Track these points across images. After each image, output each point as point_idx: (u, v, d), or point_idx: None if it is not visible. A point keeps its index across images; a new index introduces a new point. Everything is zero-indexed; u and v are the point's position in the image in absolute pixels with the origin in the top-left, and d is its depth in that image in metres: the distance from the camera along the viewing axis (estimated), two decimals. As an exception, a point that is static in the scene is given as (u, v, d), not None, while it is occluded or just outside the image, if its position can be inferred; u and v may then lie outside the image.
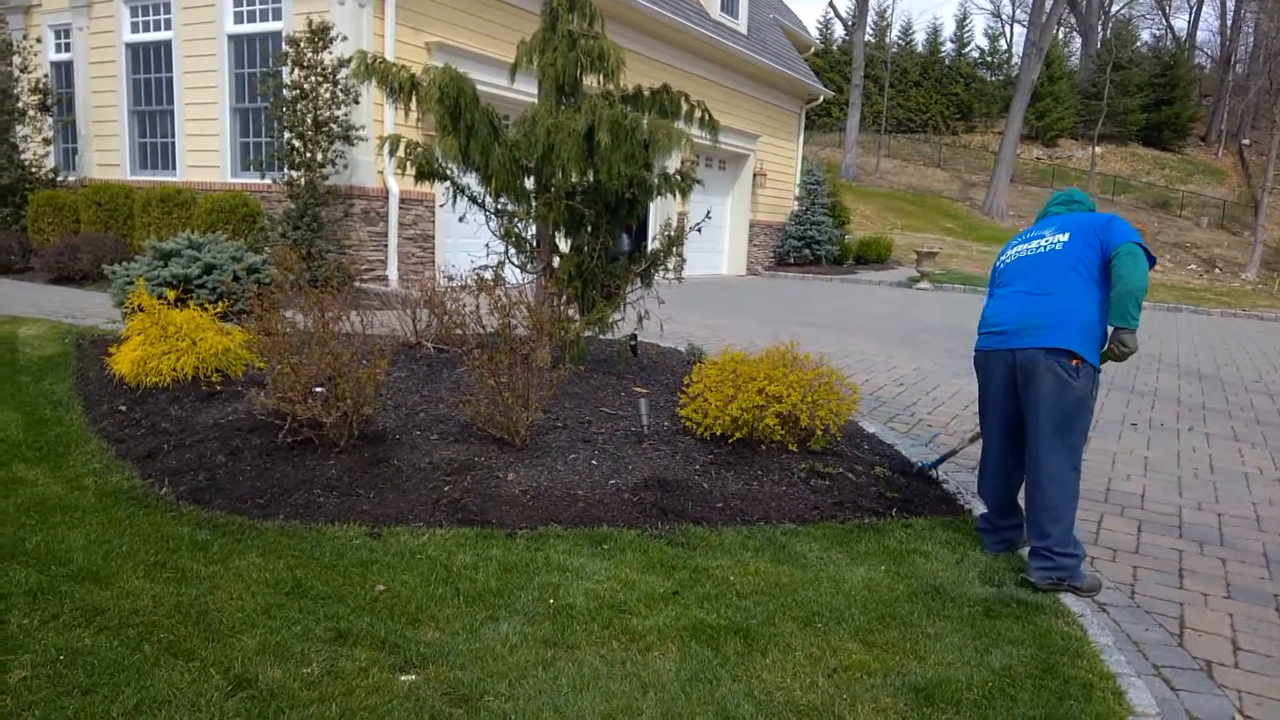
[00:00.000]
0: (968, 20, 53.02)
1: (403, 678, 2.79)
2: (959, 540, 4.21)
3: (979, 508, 4.70)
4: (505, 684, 2.78)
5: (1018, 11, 59.41)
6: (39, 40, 13.47)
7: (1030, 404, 3.80)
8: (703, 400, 5.08)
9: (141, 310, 5.72)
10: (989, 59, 48.88)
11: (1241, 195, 37.12)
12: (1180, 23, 59.79)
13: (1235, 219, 35.10)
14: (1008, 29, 71.96)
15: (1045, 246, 3.90)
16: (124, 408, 5.37)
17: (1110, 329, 3.76)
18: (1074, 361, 3.68)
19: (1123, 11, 51.54)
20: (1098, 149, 39.63)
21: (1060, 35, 46.13)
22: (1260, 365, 10.85)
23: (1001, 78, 47.06)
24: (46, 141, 12.82)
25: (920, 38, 48.07)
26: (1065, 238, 3.85)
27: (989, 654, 3.16)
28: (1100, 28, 49.74)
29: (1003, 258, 4.13)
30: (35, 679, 2.65)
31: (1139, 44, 49.26)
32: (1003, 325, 3.89)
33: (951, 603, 3.55)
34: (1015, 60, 45.79)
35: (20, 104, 12.31)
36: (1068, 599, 3.66)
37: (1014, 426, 4.03)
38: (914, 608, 3.49)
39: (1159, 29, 54.84)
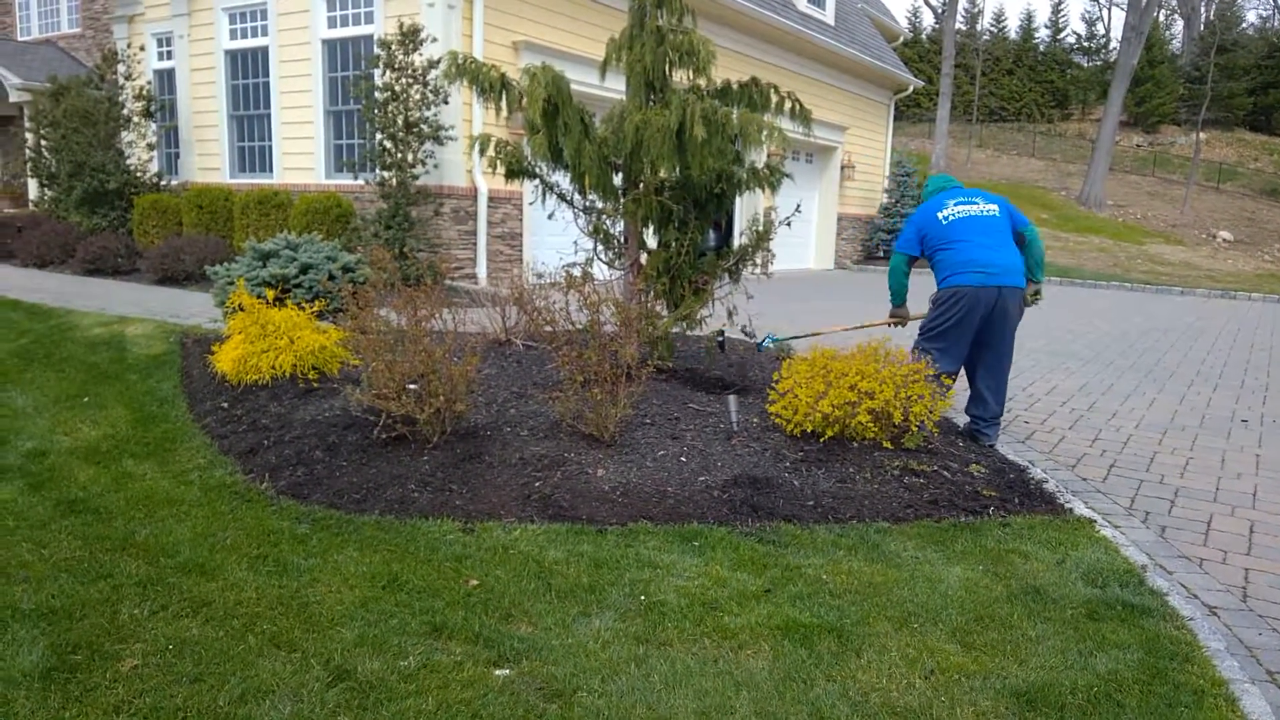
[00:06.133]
0: (1063, 5, 51.03)
1: (497, 672, 2.81)
2: (1060, 540, 4.08)
3: (1080, 507, 4.55)
4: (598, 680, 2.78)
5: (1115, -6, 57.30)
6: (142, 48, 14.00)
7: (1004, 325, 5.36)
8: (793, 397, 5.02)
9: (242, 309, 5.90)
10: (1086, 44, 47.26)
11: (1359, 180, 35.20)
12: (1291, 0, 56.73)
13: (1353, 206, 33.29)
14: (1105, 13, 69.76)
15: (985, 212, 5.44)
16: (226, 404, 5.55)
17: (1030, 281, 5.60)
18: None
19: (1227, -8, 49.35)
20: (1202, 135, 37.95)
21: (1161, 18, 44.36)
22: (1383, 359, 10.26)
23: (1099, 63, 45.45)
24: (150, 147, 13.31)
25: (1013, 24, 47.19)
26: (995, 209, 5.47)
27: (1093, 658, 3.05)
28: (1203, 9, 47.69)
29: (943, 213, 5.48)
30: (145, 668, 2.75)
31: (1244, 25, 47.08)
32: (992, 268, 5.25)
33: (1053, 604, 3.44)
34: (1114, 45, 44.23)
35: (125, 111, 12.83)
36: (1176, 602, 3.51)
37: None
38: (1014, 609, 3.39)
39: (1266, 8, 52.44)
